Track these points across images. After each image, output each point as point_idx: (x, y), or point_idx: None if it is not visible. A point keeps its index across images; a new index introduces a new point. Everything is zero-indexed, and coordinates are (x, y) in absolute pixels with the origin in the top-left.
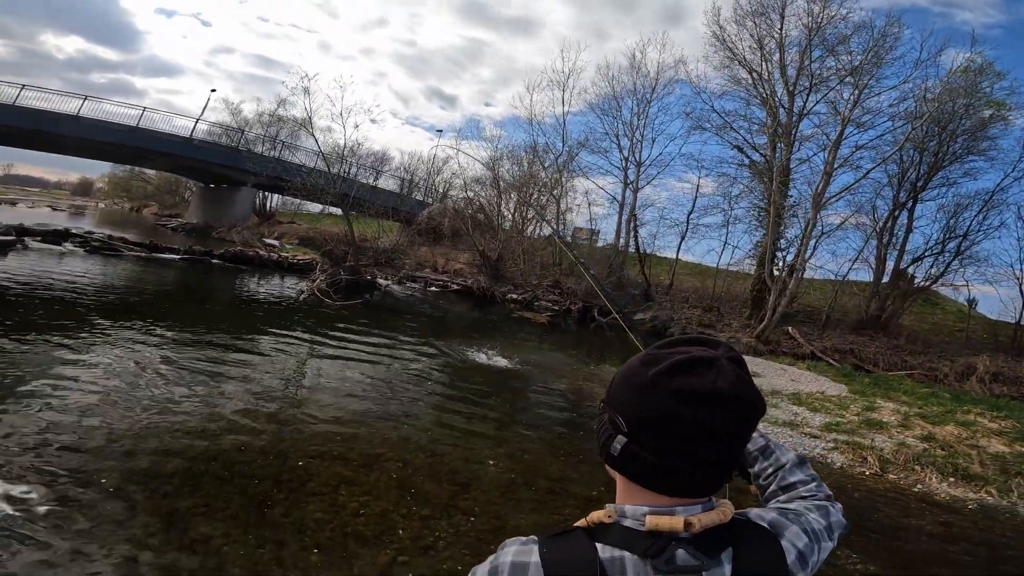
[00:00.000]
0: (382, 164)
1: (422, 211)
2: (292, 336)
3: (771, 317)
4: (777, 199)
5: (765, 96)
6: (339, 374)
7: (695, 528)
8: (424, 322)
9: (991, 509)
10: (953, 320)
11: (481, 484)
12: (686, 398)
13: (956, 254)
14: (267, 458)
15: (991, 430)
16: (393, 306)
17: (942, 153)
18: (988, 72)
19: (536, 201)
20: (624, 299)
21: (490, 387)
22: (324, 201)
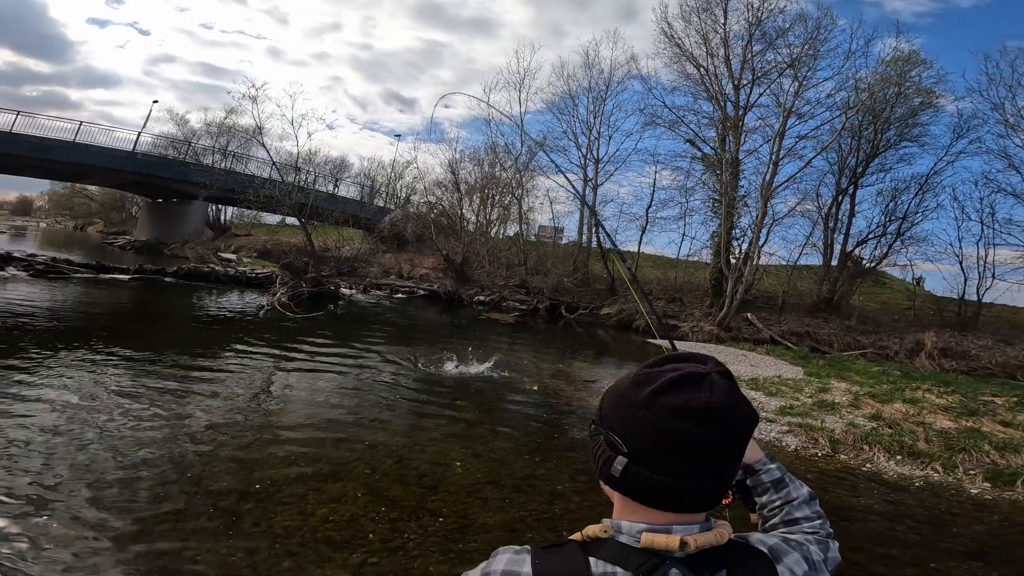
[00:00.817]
0: (340, 171)
1: (384, 217)
2: (255, 351)
3: (730, 305)
4: (729, 190)
5: (713, 90)
6: (305, 385)
7: (690, 548)
8: (391, 329)
9: (937, 486)
10: (901, 298)
11: (448, 485)
12: (683, 415)
13: (897, 235)
14: (235, 470)
15: (937, 406)
16: (359, 315)
17: (877, 140)
18: (915, 61)
19: (499, 202)
20: (590, 295)
21: (458, 390)
22: (281, 212)
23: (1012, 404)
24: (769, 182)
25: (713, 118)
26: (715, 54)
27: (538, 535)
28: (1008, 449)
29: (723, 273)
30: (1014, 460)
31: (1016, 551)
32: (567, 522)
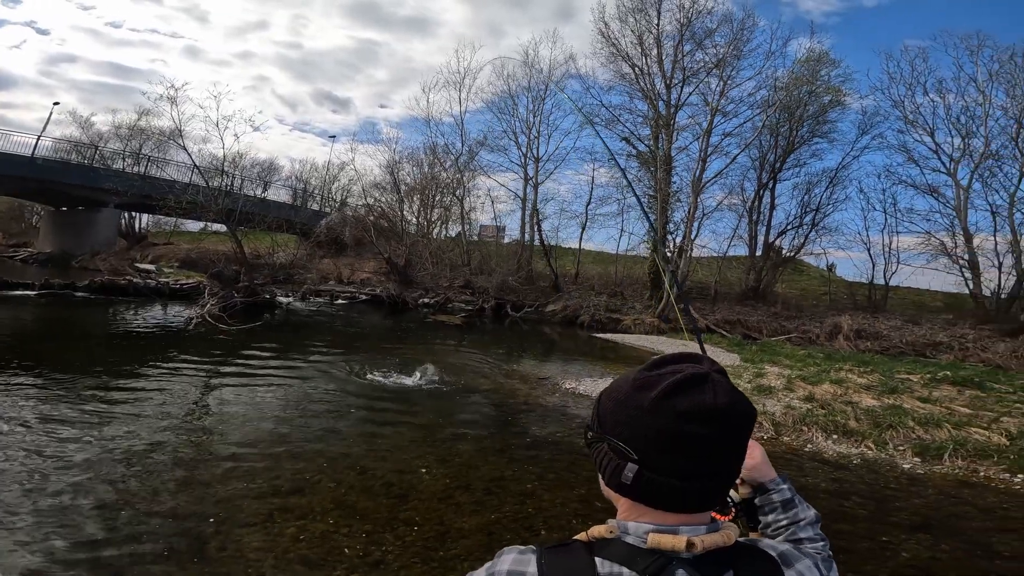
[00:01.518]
0: (270, 174)
1: (320, 222)
2: (188, 367)
3: (668, 297)
4: (663, 186)
5: (646, 89)
6: (247, 400)
7: (697, 549)
8: (334, 337)
9: (873, 463)
10: (818, 284)
11: (418, 493)
12: (692, 417)
13: (812, 226)
14: (186, 492)
15: (860, 385)
16: (298, 324)
17: (793, 137)
18: (825, 61)
19: (439, 202)
20: (535, 293)
21: (412, 396)
22: (206, 218)
23: (926, 381)
24: (699, 177)
25: (647, 116)
26: (648, 54)
27: (516, 536)
28: (930, 424)
29: (660, 267)
30: (937, 435)
31: (956, 523)
32: (542, 521)
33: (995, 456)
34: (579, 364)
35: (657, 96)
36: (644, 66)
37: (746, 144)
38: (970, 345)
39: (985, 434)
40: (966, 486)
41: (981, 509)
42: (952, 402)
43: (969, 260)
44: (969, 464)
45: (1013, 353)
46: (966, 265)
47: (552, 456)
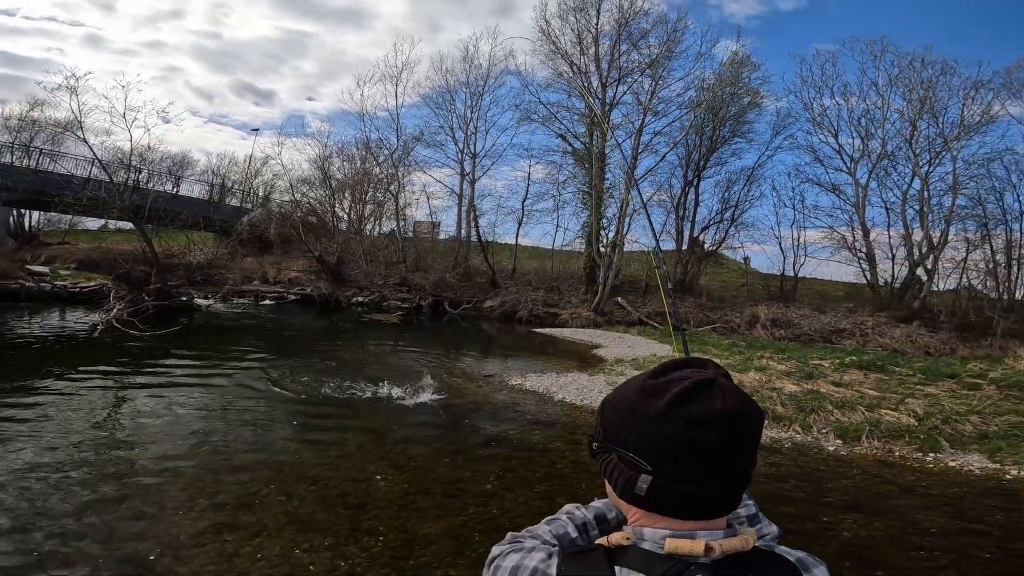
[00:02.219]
0: (182, 168)
1: (242, 218)
2: (98, 378)
3: (603, 291)
4: (597, 183)
5: (583, 88)
6: (172, 411)
7: (715, 553)
8: (263, 340)
9: (802, 446)
10: (736, 276)
11: (376, 501)
12: (702, 423)
13: (732, 222)
14: (118, 513)
15: (781, 372)
16: (221, 328)
17: (716, 137)
18: (747, 64)
19: (372, 198)
20: (473, 289)
21: (354, 399)
22: (110, 215)
23: (836, 366)
24: (630, 174)
25: (584, 114)
26: (586, 52)
27: (486, 539)
28: (846, 407)
29: (595, 261)
30: (853, 417)
31: (883, 502)
32: (508, 521)
33: (906, 436)
34: (521, 360)
35: (594, 95)
36: (582, 64)
37: (675, 143)
38: (869, 331)
39: (895, 415)
40: (885, 465)
41: (902, 488)
42: (861, 385)
43: (867, 252)
44: (885, 444)
45: (908, 338)
46: (864, 257)
47: (508, 454)
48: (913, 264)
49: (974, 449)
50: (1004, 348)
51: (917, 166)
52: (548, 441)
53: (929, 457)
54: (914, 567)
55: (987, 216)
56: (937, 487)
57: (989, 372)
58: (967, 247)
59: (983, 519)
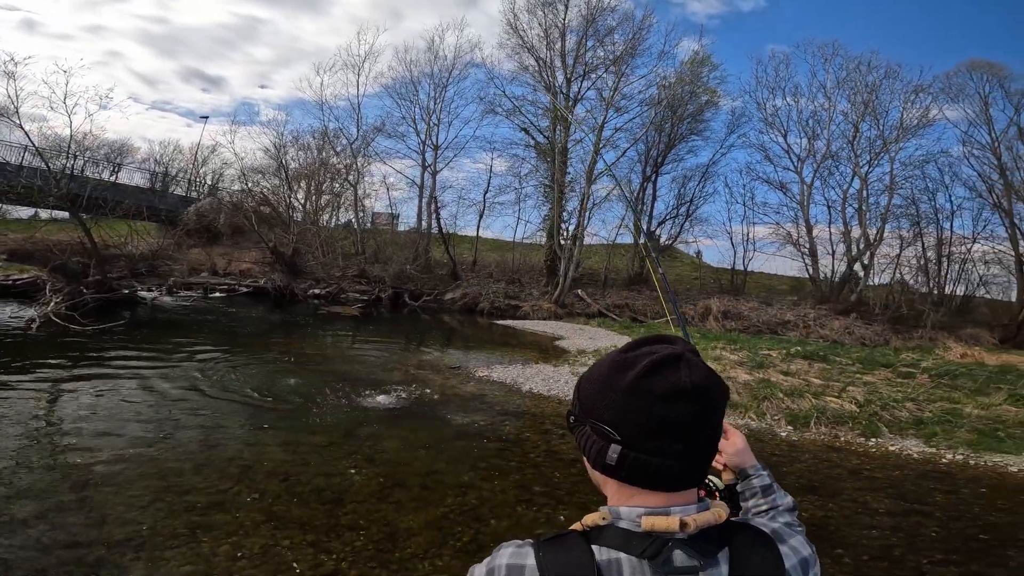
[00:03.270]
0: (122, 156)
1: (187, 207)
2: (40, 375)
3: (564, 283)
4: (559, 176)
5: (549, 82)
6: (125, 408)
7: (690, 528)
8: (214, 334)
9: (757, 433)
10: (689, 270)
11: (353, 496)
12: (669, 396)
13: (687, 217)
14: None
15: (734, 361)
16: (168, 321)
17: (674, 134)
18: (707, 63)
19: (329, 188)
20: (433, 281)
21: (317, 394)
22: (45, 204)
23: (784, 356)
24: (591, 169)
25: (547, 109)
26: (552, 47)
27: (467, 528)
28: (795, 395)
29: (556, 253)
30: (801, 404)
31: (834, 484)
32: (488, 510)
33: (850, 422)
34: (484, 352)
35: (558, 89)
36: (548, 59)
37: (635, 139)
38: (811, 323)
39: (838, 402)
40: (832, 450)
41: (850, 471)
42: (807, 374)
43: (810, 248)
44: (831, 430)
45: (845, 329)
46: (807, 252)
47: (481, 445)
48: (851, 260)
49: (911, 434)
50: (933, 339)
51: (858, 166)
52: (519, 432)
53: (871, 442)
54: (869, 545)
55: (920, 215)
56: (880, 470)
57: (921, 362)
58: (901, 244)
59: (925, 500)
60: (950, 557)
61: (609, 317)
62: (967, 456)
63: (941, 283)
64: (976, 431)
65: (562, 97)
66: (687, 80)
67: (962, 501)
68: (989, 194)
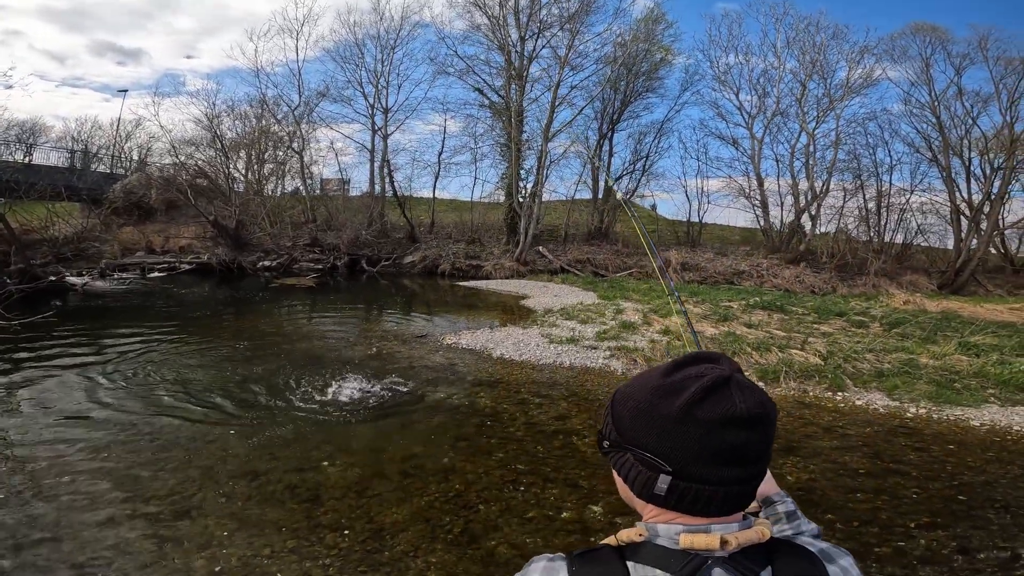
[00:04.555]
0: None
1: (113, 185)
2: None
3: (525, 240)
4: (516, 135)
5: (502, 41)
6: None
7: (731, 546)
8: (156, 318)
9: None
10: (646, 223)
11: (330, 491)
12: (723, 424)
13: (643, 172)
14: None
15: (699, 315)
16: (104, 308)
17: (629, 91)
18: (661, 20)
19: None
20: (391, 245)
21: (276, 377)
22: None
23: (744, 307)
24: (548, 127)
25: (502, 67)
26: (505, 4)
27: (456, 518)
28: (761, 349)
29: (515, 211)
30: (769, 358)
31: (812, 443)
32: (475, 495)
33: (816, 376)
34: (449, 316)
35: (512, 47)
36: (500, 16)
37: (592, 97)
38: (764, 273)
39: (803, 355)
40: (804, 406)
41: (824, 428)
42: (768, 326)
43: (760, 200)
44: (800, 384)
45: (796, 278)
46: (759, 204)
47: (458, 422)
48: (799, 211)
49: (874, 387)
50: (877, 286)
51: (805, 123)
52: (496, 403)
53: (839, 396)
54: (856, 509)
55: (861, 169)
56: (852, 427)
57: (870, 310)
58: (844, 196)
59: (900, 459)
60: (935, 520)
61: (571, 272)
62: (929, 410)
63: (881, 232)
64: (934, 382)
65: (516, 55)
66: (642, 38)
67: (935, 460)
68: (928, 149)
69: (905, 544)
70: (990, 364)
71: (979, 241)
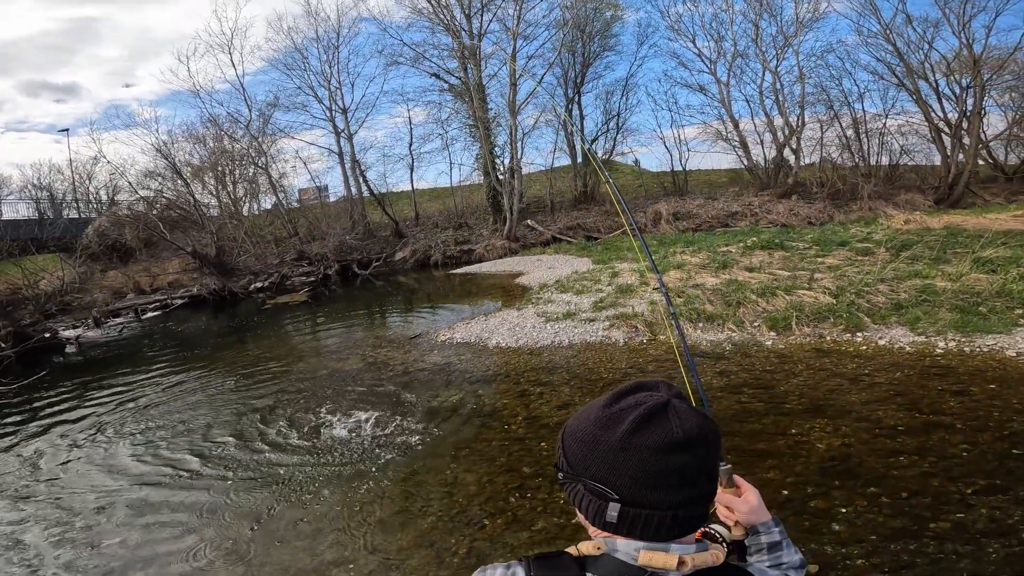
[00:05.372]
0: None
1: (84, 230)
2: None
3: (512, 217)
4: (481, 114)
5: (447, 22)
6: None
7: (687, 567)
8: (154, 359)
9: (742, 345)
10: (631, 179)
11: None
12: (663, 450)
13: (618, 130)
14: None
15: (697, 265)
16: (102, 357)
17: (587, 53)
18: None
19: (241, 176)
20: (379, 245)
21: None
22: None
23: (743, 250)
24: (512, 100)
25: (452, 49)
26: None
27: (464, 538)
28: (767, 294)
29: (496, 190)
30: (776, 304)
31: (838, 399)
32: (479, 508)
33: (830, 317)
34: (447, 307)
35: (459, 27)
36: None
37: (549, 64)
38: (758, 211)
39: (812, 295)
40: (823, 354)
41: (849, 379)
42: (771, 266)
43: (739, 141)
44: (814, 329)
45: (791, 211)
46: (738, 145)
47: (456, 428)
48: (779, 146)
49: (895, 322)
50: (873, 209)
51: (766, 61)
52: (495, 400)
53: (858, 337)
54: (901, 476)
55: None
56: (880, 373)
57: (872, 235)
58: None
59: (939, 409)
60: (993, 482)
61: (564, 240)
62: (959, 342)
63: (866, 156)
64: (957, 309)
65: (465, 35)
66: None
67: (978, 405)
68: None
69: (964, 516)
70: (1011, 280)
71: (965, 156)
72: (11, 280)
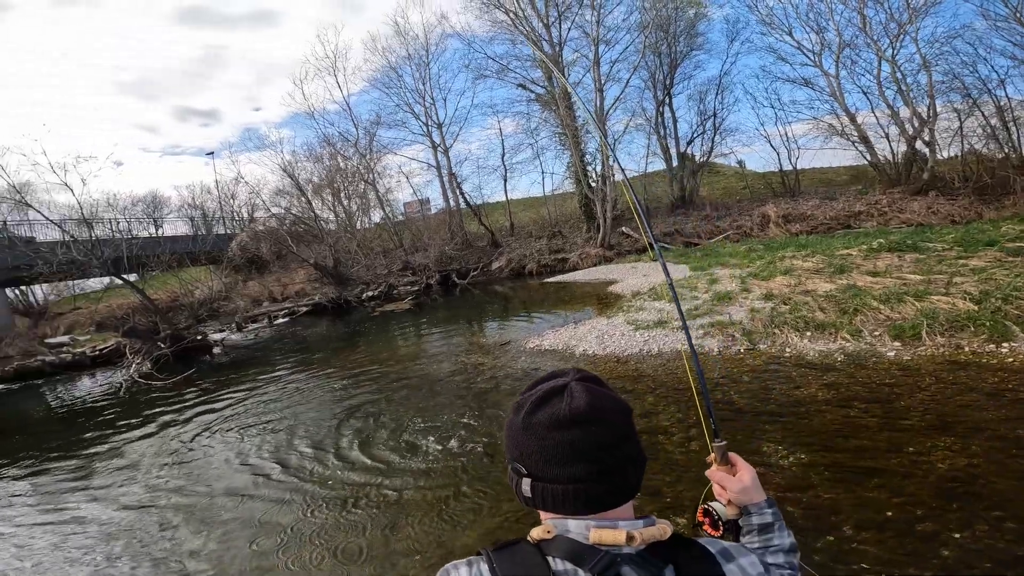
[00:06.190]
0: (157, 209)
1: (229, 245)
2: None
3: (605, 224)
4: (569, 122)
5: (527, 32)
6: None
7: (636, 542)
8: (282, 360)
9: (856, 356)
10: (735, 181)
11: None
12: (552, 426)
13: (715, 130)
14: None
15: (809, 270)
16: (242, 358)
17: (673, 53)
18: None
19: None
20: (476, 254)
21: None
22: (91, 274)
23: (866, 253)
24: (600, 107)
25: (535, 60)
26: None
27: None
28: (892, 300)
29: (589, 198)
30: (904, 311)
31: (971, 415)
32: None
33: (971, 325)
34: (541, 314)
35: (539, 37)
36: (518, 10)
37: (634, 67)
38: (887, 209)
39: (949, 301)
40: (959, 367)
41: (988, 394)
42: (900, 271)
43: (859, 135)
44: (950, 340)
45: (928, 209)
46: (858, 140)
47: None
48: (910, 139)
49: None
50: None
51: (880, 50)
52: None
53: (1004, 348)
54: None
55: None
56: None
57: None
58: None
59: None
60: None
61: (661, 246)
62: None
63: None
64: None
65: (546, 44)
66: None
67: None
68: None
69: None
70: None
71: None
72: (171, 289)
